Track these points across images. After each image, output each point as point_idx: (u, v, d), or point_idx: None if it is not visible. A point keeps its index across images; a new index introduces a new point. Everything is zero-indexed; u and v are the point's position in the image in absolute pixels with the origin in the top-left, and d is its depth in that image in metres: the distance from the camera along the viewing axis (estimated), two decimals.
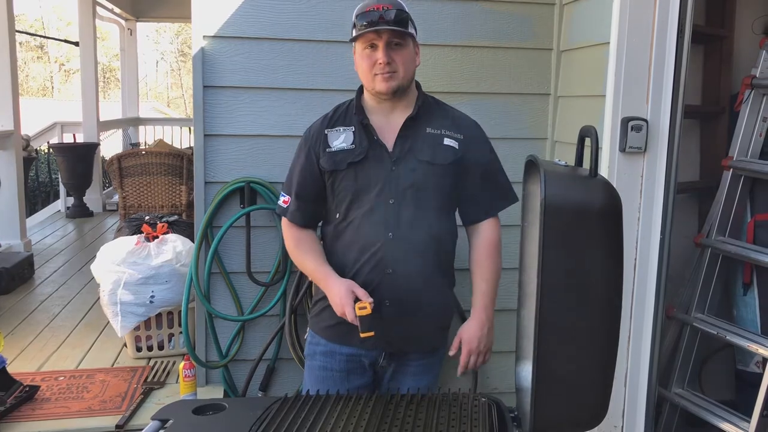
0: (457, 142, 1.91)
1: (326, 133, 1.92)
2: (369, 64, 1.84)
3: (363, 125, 1.90)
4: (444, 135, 1.91)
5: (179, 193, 5.32)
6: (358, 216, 1.89)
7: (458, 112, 2.02)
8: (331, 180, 1.92)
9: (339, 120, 1.94)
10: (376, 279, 1.87)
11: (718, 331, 2.58)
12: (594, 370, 1.37)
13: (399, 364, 1.98)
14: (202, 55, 2.70)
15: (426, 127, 1.90)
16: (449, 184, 1.91)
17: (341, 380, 1.94)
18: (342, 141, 1.90)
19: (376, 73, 1.84)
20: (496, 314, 2.97)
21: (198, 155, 2.76)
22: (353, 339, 1.91)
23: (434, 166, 1.88)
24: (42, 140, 7.65)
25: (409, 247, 1.87)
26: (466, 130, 1.96)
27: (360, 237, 1.89)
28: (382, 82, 1.84)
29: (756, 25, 3.03)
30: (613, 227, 1.34)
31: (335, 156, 1.89)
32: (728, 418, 2.43)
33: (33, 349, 3.45)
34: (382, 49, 1.82)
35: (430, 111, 1.94)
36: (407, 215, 1.86)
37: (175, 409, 1.67)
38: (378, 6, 1.80)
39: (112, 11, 8.04)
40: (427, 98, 1.98)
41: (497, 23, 2.84)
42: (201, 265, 2.80)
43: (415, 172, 1.87)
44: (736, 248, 2.64)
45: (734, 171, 2.70)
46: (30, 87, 27.03)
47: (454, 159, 1.90)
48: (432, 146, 1.89)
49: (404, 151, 1.88)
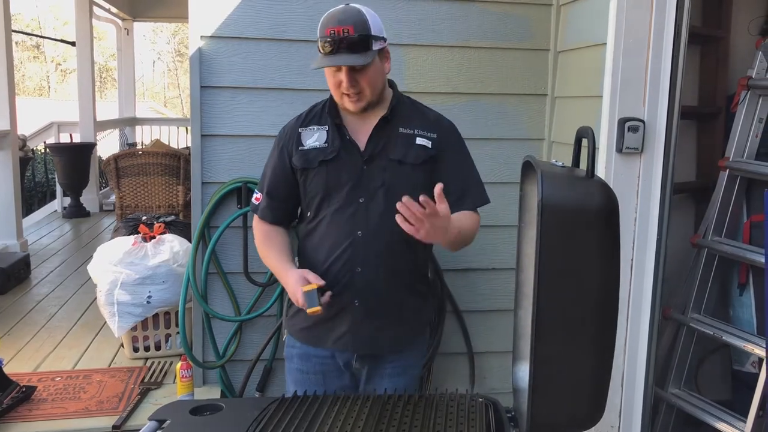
0: (431, 141, 1.91)
1: (300, 132, 1.93)
2: (334, 83, 1.84)
3: (336, 125, 1.90)
4: (417, 134, 1.90)
5: (176, 194, 5.31)
6: (329, 214, 1.89)
7: (433, 112, 2.01)
8: (303, 178, 1.92)
9: (313, 119, 1.95)
10: (345, 278, 1.87)
11: (714, 331, 2.59)
12: (591, 371, 1.37)
13: (373, 366, 1.97)
14: (200, 56, 2.70)
15: (399, 126, 1.90)
16: (421, 183, 1.87)
17: (318, 383, 1.94)
18: (315, 140, 1.91)
19: (343, 92, 1.83)
20: (493, 314, 3.00)
21: (195, 155, 2.76)
22: (326, 341, 1.92)
23: (405, 166, 1.88)
24: (38, 140, 7.63)
25: (379, 247, 1.87)
26: (440, 130, 1.95)
27: (330, 235, 1.89)
28: (350, 103, 1.85)
29: (752, 26, 3.03)
30: (610, 228, 1.34)
31: (307, 154, 1.90)
32: (724, 418, 2.44)
33: (29, 349, 3.45)
34: (345, 75, 1.80)
35: (404, 111, 1.94)
36: (377, 214, 1.85)
37: (172, 409, 1.67)
38: (338, 29, 1.76)
39: (109, 11, 8.02)
40: (402, 98, 1.98)
41: (494, 24, 2.85)
42: (198, 265, 2.80)
43: (385, 171, 1.87)
44: (732, 249, 2.65)
45: (730, 172, 2.71)
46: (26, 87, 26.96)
47: (427, 158, 1.89)
48: (404, 145, 1.89)
49: (376, 150, 1.88)
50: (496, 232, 2.95)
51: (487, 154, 2.91)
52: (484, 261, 2.98)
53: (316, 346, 1.96)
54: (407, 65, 2.83)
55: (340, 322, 1.91)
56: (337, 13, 1.80)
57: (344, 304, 1.89)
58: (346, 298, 1.88)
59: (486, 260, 2.98)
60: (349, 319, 1.90)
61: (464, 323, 3.00)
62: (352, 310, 1.89)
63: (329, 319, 1.91)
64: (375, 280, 1.88)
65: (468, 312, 3.00)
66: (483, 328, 3.03)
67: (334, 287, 1.86)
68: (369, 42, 1.80)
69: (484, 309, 3.01)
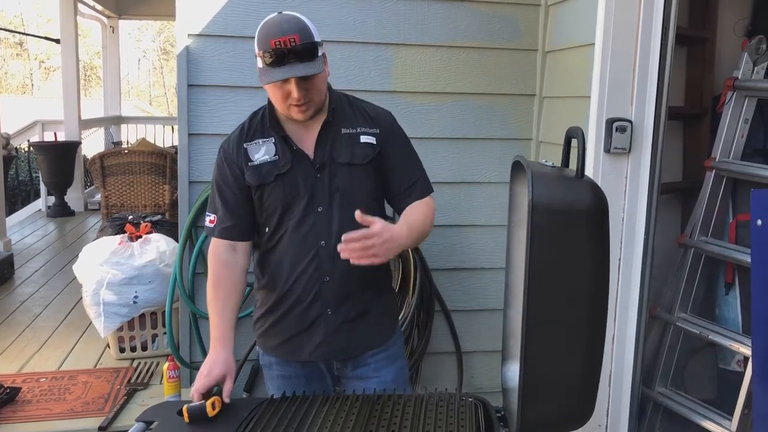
0: (374, 137, 1.88)
1: (245, 147, 1.86)
2: (281, 95, 1.76)
3: (282, 137, 1.85)
4: (360, 133, 1.87)
5: (162, 193, 5.28)
6: (290, 228, 1.84)
7: (371, 106, 1.96)
8: (259, 194, 1.85)
9: (256, 133, 1.88)
10: (314, 288, 1.84)
11: (700, 330, 2.61)
12: (581, 370, 1.38)
13: (355, 364, 1.94)
14: (187, 54, 2.68)
15: (341, 128, 1.86)
16: (373, 181, 1.87)
17: (301, 385, 1.90)
18: (264, 153, 1.84)
19: (292, 104, 1.77)
20: (481, 314, 3.00)
21: (182, 154, 2.75)
22: (302, 354, 1.89)
23: (354, 167, 1.85)
24: (22, 138, 7.57)
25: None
26: (382, 123, 1.91)
27: (292, 248, 1.84)
28: (299, 113, 1.78)
29: (738, 28, 3.05)
30: (599, 227, 1.34)
31: (260, 169, 1.83)
32: (711, 416, 2.45)
33: (14, 350, 3.42)
34: (295, 86, 1.73)
35: (344, 111, 1.90)
36: (337, 221, 1.82)
37: (159, 410, 1.66)
38: (284, 39, 1.68)
39: (94, 8, 7.96)
40: (339, 97, 1.93)
41: (483, 24, 2.85)
42: (185, 265, 2.78)
43: (337, 176, 1.84)
44: (718, 248, 2.67)
45: (717, 172, 2.73)
46: (9, 84, 26.72)
47: (374, 155, 1.87)
48: (350, 146, 1.85)
49: (325, 156, 1.84)
50: (485, 232, 2.96)
51: (475, 154, 2.92)
52: (472, 260, 2.98)
53: (292, 359, 1.93)
54: (395, 65, 2.82)
55: (313, 333, 1.88)
56: (278, 24, 1.72)
57: (316, 314, 1.86)
58: (317, 308, 1.85)
59: (474, 260, 2.98)
60: (323, 328, 1.86)
61: (452, 323, 3.00)
62: (325, 319, 1.86)
63: (302, 332, 1.88)
64: (345, 287, 1.85)
65: (456, 311, 3.00)
66: (471, 327, 3.03)
67: (305, 299, 1.84)
68: (316, 49, 1.74)
69: (473, 308, 3.01)
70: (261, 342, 1.99)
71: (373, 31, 2.79)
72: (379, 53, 2.81)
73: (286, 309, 1.88)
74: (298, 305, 1.86)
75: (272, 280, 1.89)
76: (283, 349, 1.93)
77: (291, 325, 1.89)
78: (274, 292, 1.89)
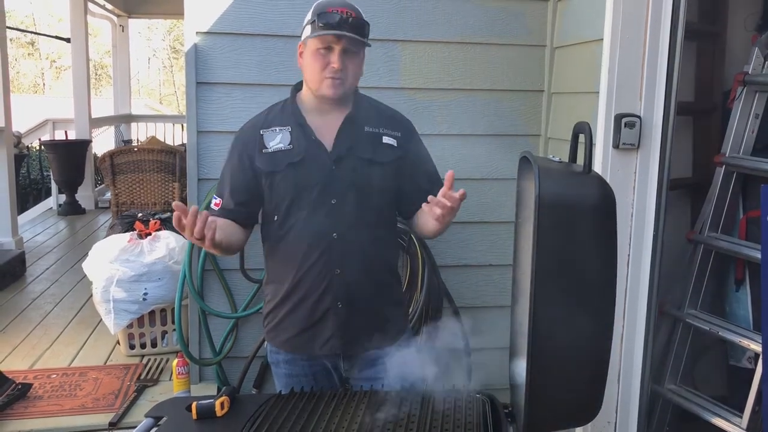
0: (395, 140, 1.90)
1: (262, 134, 1.88)
2: (321, 65, 1.80)
3: (299, 125, 1.86)
4: (382, 133, 1.89)
5: (172, 190, 5.30)
6: (300, 218, 1.84)
7: (392, 110, 2.00)
8: (269, 181, 1.86)
9: (275, 120, 1.90)
10: (325, 281, 1.85)
11: (710, 327, 2.59)
12: (588, 366, 1.37)
13: (362, 367, 1.93)
14: (195, 52, 2.69)
15: (365, 126, 1.88)
16: (390, 181, 1.88)
17: (309, 383, 1.90)
18: (279, 141, 1.85)
19: (327, 76, 1.80)
20: (489, 311, 2.99)
21: (191, 152, 2.76)
22: (312, 348, 1.90)
23: (376, 165, 1.86)
24: (33, 137, 7.62)
25: (355, 247, 1.84)
26: (402, 128, 1.94)
27: (304, 239, 1.84)
28: (331, 87, 1.81)
29: (748, 22, 3.03)
30: (607, 223, 1.34)
31: (273, 157, 1.85)
32: (721, 413, 2.44)
33: (25, 346, 3.44)
34: (338, 54, 1.78)
35: (367, 110, 1.92)
36: (350, 214, 1.83)
37: (168, 406, 1.67)
38: (342, 9, 1.77)
39: (104, 7, 8.00)
40: (363, 97, 1.96)
41: (491, 20, 2.85)
42: (194, 262, 2.79)
43: (356, 171, 1.84)
44: (728, 244, 2.65)
45: (727, 167, 2.71)
46: (21, 84, 26.85)
47: (394, 157, 1.88)
48: (372, 145, 1.87)
49: (345, 150, 1.85)
50: (493, 228, 2.96)
51: (483, 150, 2.91)
52: (480, 257, 2.98)
53: (302, 352, 1.93)
54: (402, 61, 2.82)
55: (324, 327, 1.88)
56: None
57: (327, 307, 1.86)
58: (328, 301, 1.85)
59: (482, 256, 2.98)
60: (334, 322, 1.86)
61: (460, 319, 2.99)
62: (336, 312, 1.86)
63: (312, 326, 1.88)
64: (356, 281, 1.85)
65: (464, 308, 3.00)
66: (479, 324, 3.03)
67: (315, 292, 1.85)
68: (367, 30, 1.82)
69: (481, 305, 3.01)
70: (271, 337, 1.99)
71: (381, 27, 2.78)
72: (386, 50, 2.80)
73: (296, 301, 1.88)
74: (308, 298, 1.87)
75: (283, 271, 1.90)
76: (293, 343, 1.93)
77: (301, 318, 1.89)
78: (284, 284, 1.89)
